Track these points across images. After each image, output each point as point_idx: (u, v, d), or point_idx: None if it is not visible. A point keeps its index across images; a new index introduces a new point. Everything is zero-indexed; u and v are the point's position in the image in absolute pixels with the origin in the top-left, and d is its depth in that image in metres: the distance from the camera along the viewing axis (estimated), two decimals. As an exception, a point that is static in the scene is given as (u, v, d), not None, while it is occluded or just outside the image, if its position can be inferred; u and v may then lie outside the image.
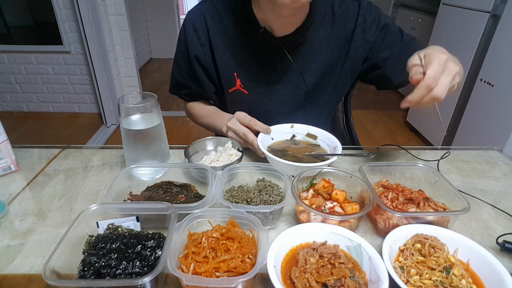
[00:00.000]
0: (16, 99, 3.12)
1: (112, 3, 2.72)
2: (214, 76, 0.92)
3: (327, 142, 0.85)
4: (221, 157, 0.77)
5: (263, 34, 0.82)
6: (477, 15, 2.10)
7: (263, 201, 0.62)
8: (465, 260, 0.53)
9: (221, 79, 0.91)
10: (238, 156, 0.77)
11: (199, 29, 0.86)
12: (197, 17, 0.86)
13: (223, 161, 0.76)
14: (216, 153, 0.79)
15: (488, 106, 2.05)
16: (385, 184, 0.68)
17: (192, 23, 0.86)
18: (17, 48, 2.85)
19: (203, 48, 0.87)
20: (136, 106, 0.72)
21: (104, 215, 0.56)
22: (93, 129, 2.95)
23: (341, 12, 0.84)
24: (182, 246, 0.52)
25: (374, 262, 0.50)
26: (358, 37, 0.85)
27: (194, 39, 0.86)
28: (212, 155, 0.78)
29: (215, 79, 0.92)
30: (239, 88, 0.90)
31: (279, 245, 0.52)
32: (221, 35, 0.86)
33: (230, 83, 0.90)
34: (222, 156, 0.78)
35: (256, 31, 0.82)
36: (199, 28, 0.86)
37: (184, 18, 0.89)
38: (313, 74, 0.88)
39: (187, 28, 0.87)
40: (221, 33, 0.86)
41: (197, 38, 0.86)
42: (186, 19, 0.88)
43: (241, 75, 0.89)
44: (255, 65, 0.88)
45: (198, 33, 0.86)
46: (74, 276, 0.48)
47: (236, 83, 0.89)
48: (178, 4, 5.06)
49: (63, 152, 0.89)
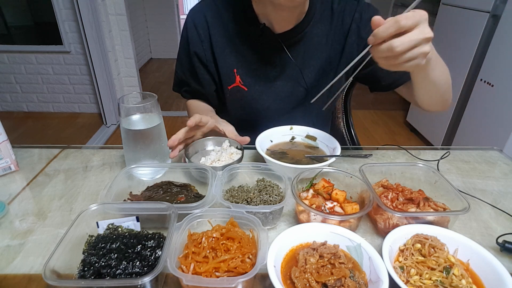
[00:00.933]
0: (16, 99, 3.12)
1: (112, 3, 2.72)
2: (214, 73, 0.92)
3: (327, 143, 0.85)
4: (221, 157, 0.77)
5: (263, 30, 0.82)
6: (477, 15, 2.10)
7: (263, 201, 0.62)
8: (465, 260, 0.53)
9: (221, 76, 0.91)
10: (239, 155, 0.77)
11: (199, 26, 0.87)
12: (197, 14, 0.87)
13: (224, 160, 0.76)
14: (216, 153, 0.79)
15: (488, 106, 2.05)
16: (385, 184, 0.68)
17: (193, 20, 0.87)
18: (17, 48, 2.85)
19: (202, 45, 0.88)
20: (136, 106, 0.72)
21: (104, 215, 0.56)
22: (93, 129, 2.95)
23: (340, 9, 0.85)
24: (182, 246, 0.52)
25: (374, 262, 0.50)
26: (353, 33, 0.85)
27: (194, 35, 0.88)
28: (212, 155, 0.78)
29: (215, 76, 0.93)
30: (238, 84, 0.90)
31: (279, 245, 0.52)
32: (221, 31, 0.87)
33: (230, 79, 0.90)
34: (223, 156, 0.77)
35: (256, 27, 0.83)
36: (199, 25, 0.87)
37: (186, 17, 0.91)
38: (312, 70, 0.88)
39: (188, 25, 0.88)
40: (221, 29, 0.87)
41: (197, 35, 0.87)
42: (187, 17, 0.89)
43: (241, 71, 0.89)
44: (254, 61, 0.88)
45: (198, 30, 0.87)
46: (74, 276, 0.48)
47: (236, 80, 0.90)
48: (178, 4, 5.06)
49: (63, 152, 0.89)
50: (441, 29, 2.53)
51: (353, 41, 0.86)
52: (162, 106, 0.75)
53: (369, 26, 0.71)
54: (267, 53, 0.87)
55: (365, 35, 0.84)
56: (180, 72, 0.96)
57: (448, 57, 2.74)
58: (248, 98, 0.91)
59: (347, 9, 0.85)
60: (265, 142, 0.85)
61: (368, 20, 0.84)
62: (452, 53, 2.35)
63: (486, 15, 2.03)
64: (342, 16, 0.85)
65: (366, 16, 0.84)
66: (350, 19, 0.84)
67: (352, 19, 0.84)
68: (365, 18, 0.84)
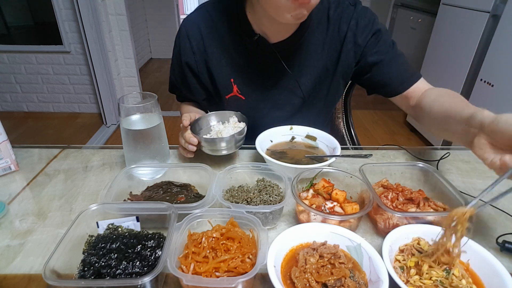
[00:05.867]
0: (16, 99, 3.12)
1: (112, 3, 2.72)
2: (207, 83, 0.92)
3: (326, 143, 0.85)
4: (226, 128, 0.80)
5: (258, 41, 0.82)
6: (477, 15, 2.10)
7: (263, 201, 0.62)
8: (465, 260, 0.53)
9: (218, 86, 0.90)
10: (242, 127, 0.80)
11: (192, 37, 0.87)
12: (191, 25, 0.87)
13: (228, 132, 0.79)
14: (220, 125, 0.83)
15: (488, 106, 2.02)
16: (385, 184, 0.68)
17: (186, 30, 0.87)
18: (17, 48, 2.85)
19: (194, 56, 0.88)
20: (136, 106, 0.72)
21: (104, 215, 0.56)
22: (93, 129, 2.95)
23: (336, 16, 0.84)
24: (182, 246, 0.52)
25: (374, 262, 0.50)
26: (349, 40, 0.84)
27: (187, 46, 0.88)
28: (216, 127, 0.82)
29: (209, 86, 0.93)
30: (236, 94, 0.90)
31: (279, 245, 0.52)
32: (216, 42, 0.86)
33: (227, 89, 0.90)
34: (227, 127, 0.81)
35: (250, 38, 0.82)
36: (192, 36, 0.87)
37: (180, 25, 0.91)
38: (309, 78, 0.88)
39: (182, 35, 0.88)
40: (216, 40, 0.86)
41: (190, 46, 0.87)
42: (181, 26, 0.89)
43: (238, 81, 0.89)
44: (250, 71, 0.88)
45: (191, 42, 0.87)
46: (74, 276, 0.48)
47: (233, 89, 0.90)
48: (178, 4, 5.06)
49: (63, 152, 0.89)
50: (441, 29, 2.53)
51: (349, 49, 0.85)
52: (162, 106, 0.75)
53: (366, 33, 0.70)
54: (263, 63, 0.86)
55: (362, 42, 0.83)
56: (173, 77, 0.97)
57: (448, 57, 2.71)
58: (246, 107, 0.91)
59: (344, 16, 0.83)
60: (265, 142, 0.85)
61: (365, 27, 0.83)
62: (452, 53, 2.35)
63: (486, 15, 2.03)
64: (339, 23, 0.84)
65: (363, 23, 0.83)
66: (346, 26, 0.83)
67: (348, 26, 0.83)
68: (362, 25, 0.83)
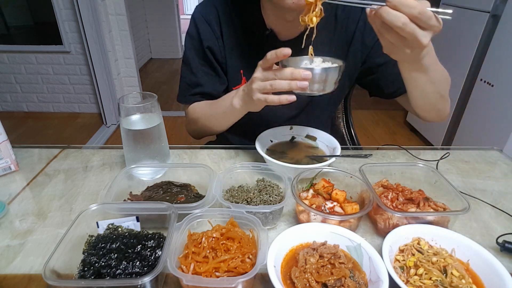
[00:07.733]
0: (16, 99, 3.12)
1: (112, 3, 2.72)
2: (225, 71, 0.90)
3: (326, 143, 0.85)
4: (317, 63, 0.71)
5: (268, 36, 0.82)
6: (477, 15, 2.10)
7: (263, 201, 0.62)
8: (465, 260, 0.53)
9: (227, 75, 0.90)
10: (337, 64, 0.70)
11: (212, 21, 0.84)
12: (209, 9, 0.84)
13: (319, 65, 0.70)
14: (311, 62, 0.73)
15: (488, 106, 2.05)
16: (385, 184, 0.68)
17: (203, 15, 0.84)
18: (17, 48, 2.85)
19: (217, 41, 0.85)
20: (136, 106, 0.72)
21: (104, 215, 0.56)
22: (93, 129, 2.95)
23: (344, 16, 0.84)
24: (182, 246, 0.52)
25: (374, 262, 0.50)
26: (357, 40, 0.84)
27: (208, 31, 0.84)
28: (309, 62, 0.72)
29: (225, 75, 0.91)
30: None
31: (279, 245, 0.52)
32: (231, 31, 0.85)
33: (236, 80, 0.90)
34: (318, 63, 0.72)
35: (262, 32, 0.82)
36: (212, 20, 0.84)
37: (192, 13, 0.87)
38: None
39: (198, 20, 0.84)
40: (231, 29, 0.85)
41: (211, 30, 0.84)
42: (195, 12, 0.86)
43: (246, 73, 0.88)
44: None
45: (211, 25, 0.83)
46: (74, 276, 0.48)
47: (242, 81, 0.89)
48: (178, 4, 5.06)
49: (63, 152, 0.89)
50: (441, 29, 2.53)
51: (357, 49, 0.85)
52: (162, 106, 0.75)
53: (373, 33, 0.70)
54: None
55: (369, 42, 0.83)
56: (189, 74, 0.89)
57: (448, 57, 2.72)
58: None
59: (351, 16, 0.83)
60: (265, 142, 0.85)
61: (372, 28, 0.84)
62: (452, 53, 2.35)
63: (486, 15, 2.03)
64: (346, 23, 0.84)
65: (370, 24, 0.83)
66: (354, 27, 0.83)
67: (356, 26, 0.83)
68: (369, 26, 0.83)
